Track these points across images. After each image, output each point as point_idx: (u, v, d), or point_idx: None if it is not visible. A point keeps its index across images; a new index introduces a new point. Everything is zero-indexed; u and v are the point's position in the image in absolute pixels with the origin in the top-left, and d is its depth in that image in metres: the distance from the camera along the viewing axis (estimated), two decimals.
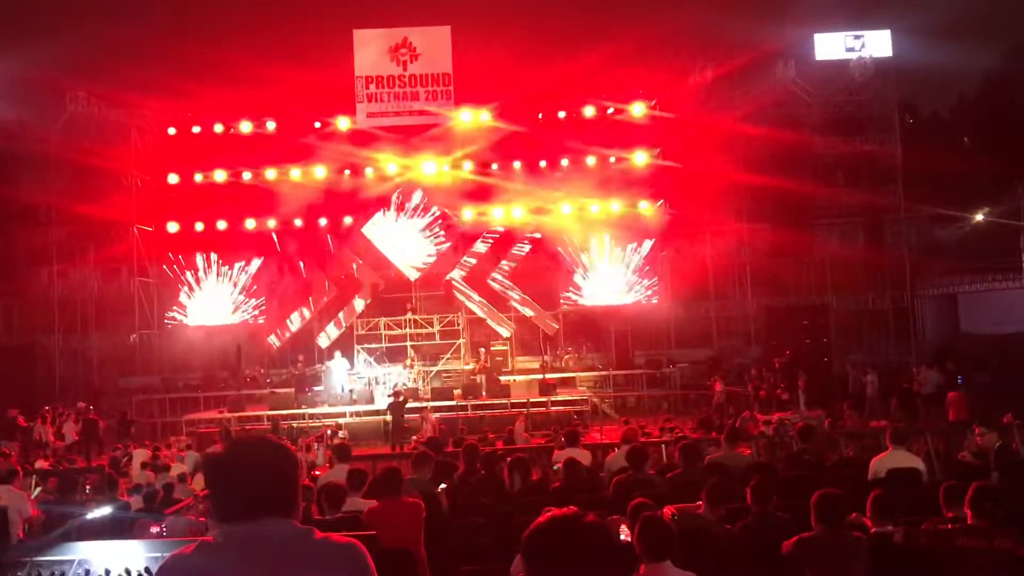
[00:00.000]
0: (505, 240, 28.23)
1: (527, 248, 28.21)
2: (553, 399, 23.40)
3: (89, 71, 24.29)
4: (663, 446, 12.86)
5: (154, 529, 8.47)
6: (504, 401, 23.25)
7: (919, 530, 5.61)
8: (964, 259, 26.25)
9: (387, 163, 27.33)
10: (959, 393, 18.60)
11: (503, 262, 28.29)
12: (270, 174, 27.29)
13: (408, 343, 26.68)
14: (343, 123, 26.29)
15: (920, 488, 7.78)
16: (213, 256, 28.61)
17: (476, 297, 27.85)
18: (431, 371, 26.21)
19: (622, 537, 5.04)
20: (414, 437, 19.90)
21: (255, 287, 28.68)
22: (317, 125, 26.68)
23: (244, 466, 2.67)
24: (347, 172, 27.62)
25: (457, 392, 24.06)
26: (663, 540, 4.60)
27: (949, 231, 27.28)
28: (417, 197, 28.44)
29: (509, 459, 9.43)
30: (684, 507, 6.37)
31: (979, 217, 26.87)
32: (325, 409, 23.26)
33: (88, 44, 23.24)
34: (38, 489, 11.55)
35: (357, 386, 24.49)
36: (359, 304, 27.91)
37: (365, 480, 8.01)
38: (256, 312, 28.69)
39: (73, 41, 22.82)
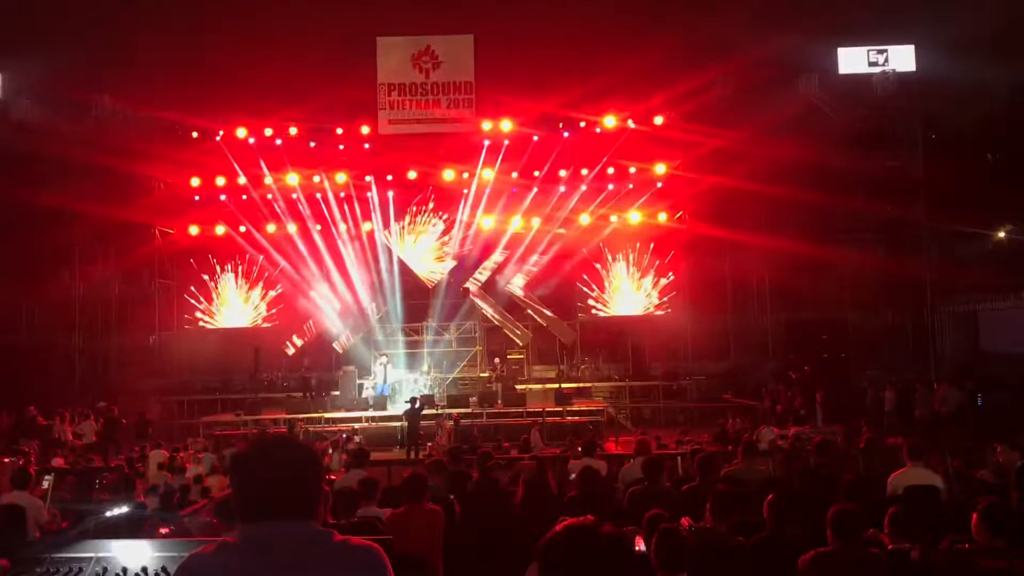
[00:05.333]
0: (524, 249, 28.27)
1: (546, 257, 28.23)
2: (569, 409, 23.36)
3: (115, 76, 24.49)
4: (679, 458, 12.83)
5: (163, 529, 8.48)
6: (519, 410, 23.24)
7: (936, 548, 5.56)
8: (986, 277, 25.99)
9: (408, 170, 27.44)
10: None
11: (521, 271, 28.32)
12: (291, 179, 27.45)
13: (425, 350, 26.73)
14: (365, 130, 26.38)
15: (938, 506, 7.71)
16: (233, 259, 28.87)
17: (494, 305, 27.88)
18: (447, 378, 26.25)
19: (637, 548, 5.03)
20: (429, 444, 19.96)
21: (273, 291, 28.87)
22: (339, 131, 26.80)
23: (270, 465, 2.66)
24: (368, 178, 27.76)
25: (473, 400, 24.08)
26: (680, 552, 4.58)
27: (971, 248, 27.00)
28: (437, 204, 28.59)
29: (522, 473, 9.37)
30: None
31: (1002, 235, 26.63)
32: (341, 414, 23.35)
33: (114, 50, 23.43)
34: (48, 477, 11.53)
35: (373, 392, 24.58)
36: (374, 311, 28.02)
37: (377, 488, 8.04)
38: (274, 316, 28.88)
39: (99, 47, 23.01)
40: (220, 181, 27.72)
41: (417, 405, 20.89)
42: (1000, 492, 8.22)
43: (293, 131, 26.87)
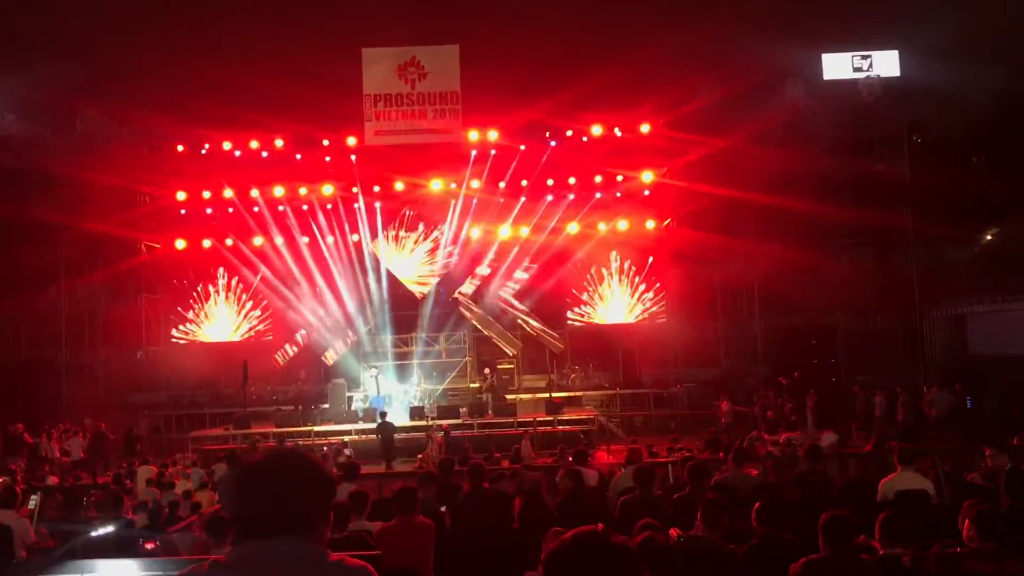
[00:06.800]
0: (512, 258, 28.26)
1: (534, 266, 28.23)
2: (560, 418, 23.32)
3: (100, 89, 24.39)
4: (670, 466, 12.81)
5: (149, 546, 8.37)
6: (510, 420, 23.19)
7: (928, 553, 5.56)
8: (973, 280, 26.11)
9: (394, 181, 27.43)
10: None
11: (510, 280, 28.32)
12: (278, 191, 27.41)
13: (414, 361, 26.66)
14: (351, 141, 26.35)
15: (929, 510, 7.72)
16: (220, 272, 28.78)
17: (483, 315, 27.85)
18: (437, 389, 26.18)
19: None
20: (419, 455, 19.90)
21: (262, 304, 28.78)
22: (325, 143, 26.76)
23: (271, 480, 2.61)
24: (354, 190, 27.72)
25: (463, 410, 24.01)
26: (666, 562, 4.56)
27: (958, 251, 27.13)
28: (424, 215, 28.59)
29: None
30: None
31: (988, 238, 26.77)
32: (331, 427, 23.25)
33: (99, 62, 23.33)
34: (35, 497, 11.41)
35: (362, 405, 24.50)
36: (363, 323, 27.96)
37: (367, 501, 8.00)
38: (263, 329, 28.79)
39: (84, 59, 22.92)
40: (206, 194, 27.66)
41: (387, 419, 20.98)
42: (990, 496, 8.22)
43: (279, 143, 26.81)
